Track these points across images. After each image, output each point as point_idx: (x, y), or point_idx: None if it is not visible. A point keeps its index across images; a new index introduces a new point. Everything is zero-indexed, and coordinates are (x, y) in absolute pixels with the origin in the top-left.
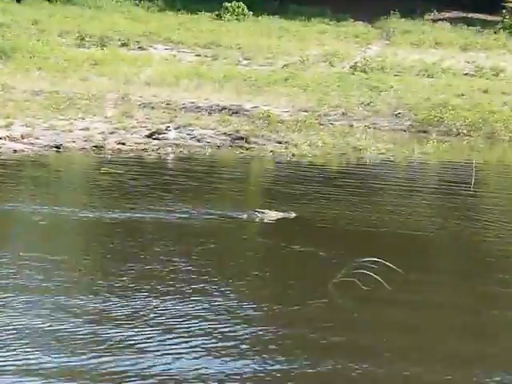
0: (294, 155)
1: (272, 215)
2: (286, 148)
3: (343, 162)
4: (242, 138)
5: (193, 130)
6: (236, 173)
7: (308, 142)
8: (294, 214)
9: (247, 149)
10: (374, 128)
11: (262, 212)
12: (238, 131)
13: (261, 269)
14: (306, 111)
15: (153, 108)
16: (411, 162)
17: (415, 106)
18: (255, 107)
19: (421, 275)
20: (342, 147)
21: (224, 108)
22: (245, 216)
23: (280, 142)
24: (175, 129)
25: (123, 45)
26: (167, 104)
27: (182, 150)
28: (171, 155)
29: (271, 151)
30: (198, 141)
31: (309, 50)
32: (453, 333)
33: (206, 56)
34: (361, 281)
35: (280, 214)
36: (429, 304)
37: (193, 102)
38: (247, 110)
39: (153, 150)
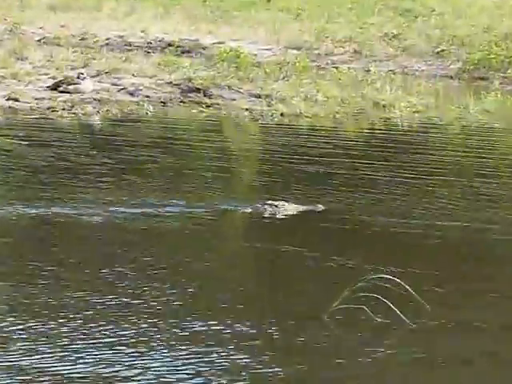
0: (282, 115)
1: (290, 208)
2: (269, 105)
3: (363, 125)
4: (198, 91)
5: (121, 79)
6: (208, 143)
7: (302, 95)
8: (321, 207)
9: (208, 106)
10: (405, 73)
11: (275, 205)
12: (191, 80)
13: (253, 289)
14: (297, 49)
15: (58, 45)
16: (466, 126)
17: (468, 39)
18: (218, 43)
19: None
20: (356, 103)
21: (170, 45)
22: (249, 210)
23: (259, 96)
24: (93, 77)
25: None
26: (81, 39)
27: (108, 108)
28: (96, 116)
29: (247, 109)
30: (131, 94)
31: None
32: None
33: None
34: (372, 308)
35: (302, 207)
36: (469, 356)
37: (121, 36)
38: (205, 48)
39: (64, 109)
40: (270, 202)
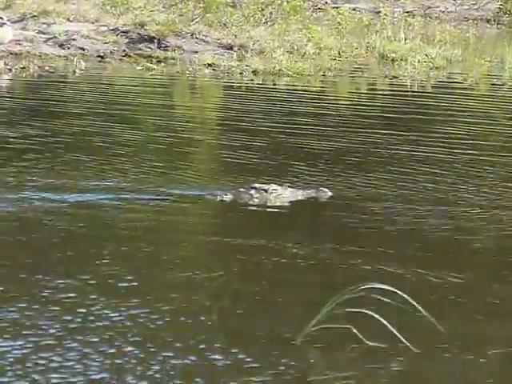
0: (255, 73)
1: (284, 194)
2: (241, 59)
3: (360, 86)
4: (150, 40)
5: (51, 25)
6: (162, 110)
7: (287, 45)
8: (329, 193)
9: (160, 61)
10: (427, 16)
11: (263, 189)
12: (143, 26)
13: (220, 300)
14: None
15: None
16: (497, 86)
17: None
18: None
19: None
20: (357, 56)
21: None
22: (229, 196)
23: (230, 47)
24: (15, 22)
25: None
26: None
27: (26, 65)
28: (6, 75)
29: (210, 65)
30: (61, 46)
31: None
32: None
33: None
34: (362, 328)
35: (301, 193)
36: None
37: None
38: None
39: None
40: (257, 185)
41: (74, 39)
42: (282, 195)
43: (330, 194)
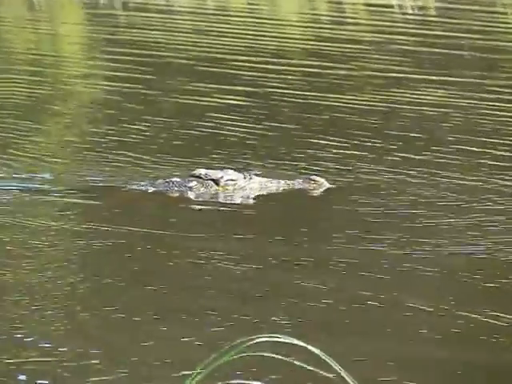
0: None
1: (250, 186)
2: None
3: (322, 13)
4: None
5: None
6: (22, 50)
7: None
8: (325, 183)
9: None
10: None
11: (212, 179)
12: None
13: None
14: None
15: None
16: None
17: None
18: None
19: None
20: None
21: None
22: (148, 188)
23: None
24: None
25: None
26: None
27: None
28: None
29: None
30: None
31: None
32: None
33: None
34: None
35: (277, 184)
36: None
37: None
38: None
39: None
40: (202, 172)
41: None
42: (244, 188)
43: (326, 184)
